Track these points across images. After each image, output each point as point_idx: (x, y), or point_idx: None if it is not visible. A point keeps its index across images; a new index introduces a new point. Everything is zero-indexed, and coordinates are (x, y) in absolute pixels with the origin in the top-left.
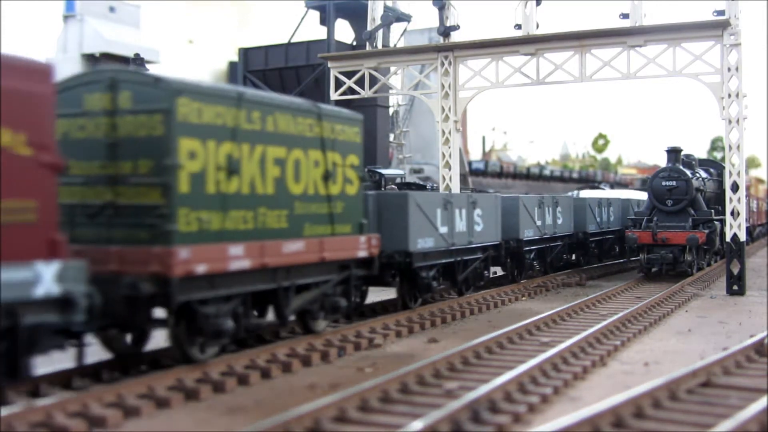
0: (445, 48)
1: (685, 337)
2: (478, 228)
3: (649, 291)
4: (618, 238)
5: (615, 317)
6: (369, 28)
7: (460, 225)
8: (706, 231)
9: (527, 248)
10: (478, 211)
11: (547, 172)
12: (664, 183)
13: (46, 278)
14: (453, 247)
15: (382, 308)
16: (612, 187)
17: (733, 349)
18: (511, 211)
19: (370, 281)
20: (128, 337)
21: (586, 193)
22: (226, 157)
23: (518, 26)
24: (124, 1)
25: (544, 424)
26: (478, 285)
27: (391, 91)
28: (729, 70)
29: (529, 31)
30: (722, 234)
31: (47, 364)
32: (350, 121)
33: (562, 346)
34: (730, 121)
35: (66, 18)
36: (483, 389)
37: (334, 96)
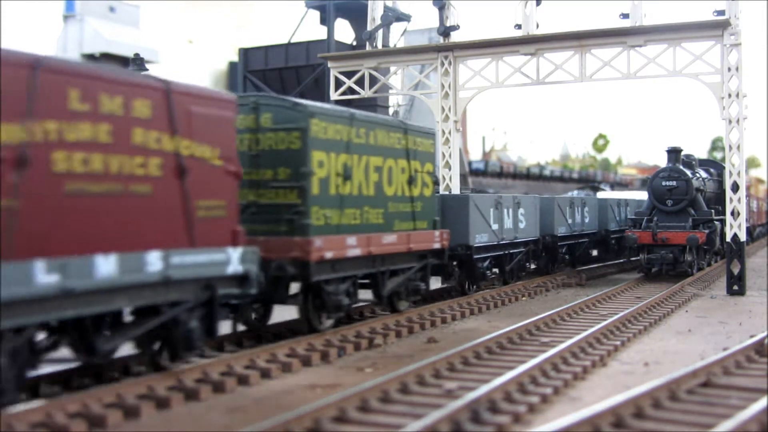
0: (445, 48)
1: (685, 337)
2: (521, 225)
3: (649, 291)
4: None
5: (615, 317)
6: (369, 28)
7: (508, 222)
8: (706, 231)
9: (560, 243)
10: (521, 211)
11: (547, 173)
12: (664, 183)
13: (234, 260)
14: (502, 242)
15: (440, 295)
16: (612, 187)
17: (734, 349)
18: (548, 211)
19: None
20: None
21: (606, 195)
22: (342, 165)
23: (518, 26)
24: (123, 1)
25: (545, 424)
26: (520, 275)
27: (391, 91)
28: (729, 70)
29: (529, 31)
30: (722, 234)
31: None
32: (427, 135)
33: (562, 346)
34: (730, 121)
35: (66, 18)
36: (483, 389)
37: (334, 96)
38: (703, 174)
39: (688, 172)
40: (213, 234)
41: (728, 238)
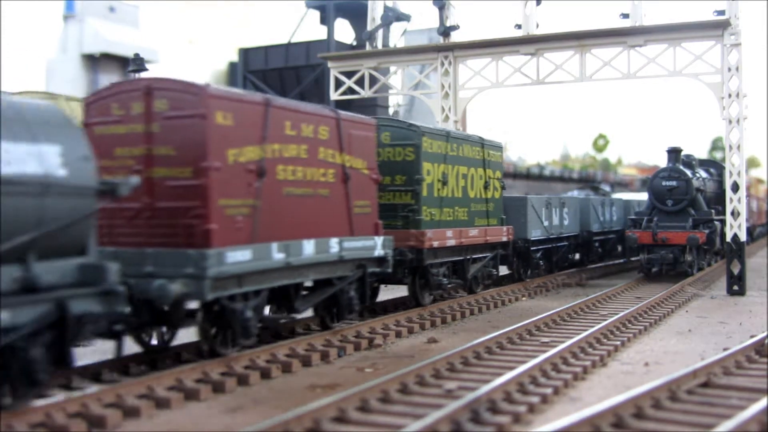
0: (445, 48)
1: (685, 338)
2: (565, 222)
3: (649, 291)
4: None
5: (615, 317)
6: (369, 28)
7: (555, 219)
8: (707, 231)
9: (594, 238)
10: (565, 210)
11: (547, 172)
12: (664, 183)
13: (378, 245)
14: (551, 236)
15: (497, 281)
16: (612, 187)
17: (734, 350)
18: (585, 210)
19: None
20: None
21: (627, 196)
22: (441, 173)
23: (518, 26)
24: (123, 1)
25: (545, 424)
26: (563, 265)
27: (391, 91)
28: (729, 70)
29: (529, 31)
30: (722, 234)
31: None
32: (497, 148)
33: (563, 346)
34: (730, 121)
35: (66, 18)
36: (483, 389)
37: (334, 96)
38: (703, 174)
39: (688, 172)
40: (363, 226)
41: (728, 238)
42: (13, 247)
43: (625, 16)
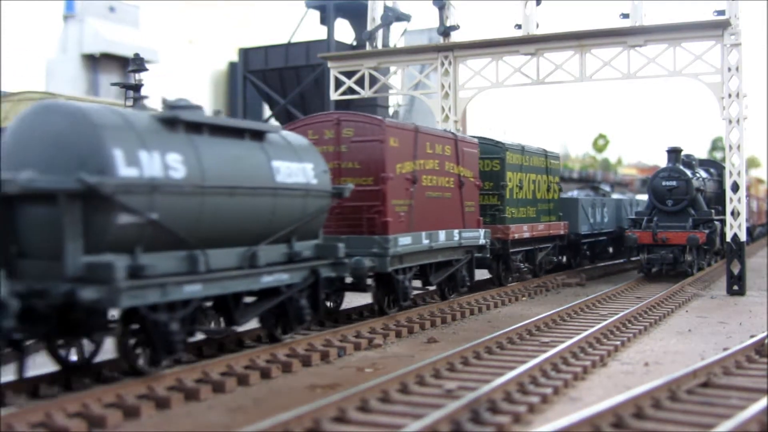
0: (445, 48)
1: (685, 338)
2: (605, 219)
3: (649, 291)
4: None
5: (615, 317)
6: (369, 28)
7: (598, 217)
8: (707, 231)
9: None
10: (605, 209)
11: None
12: (664, 183)
13: (481, 236)
14: (595, 231)
15: (548, 271)
16: (612, 187)
17: (734, 350)
18: (619, 209)
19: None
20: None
21: (639, 196)
22: (518, 180)
23: (518, 26)
24: (123, 1)
25: (545, 424)
26: (603, 257)
27: (391, 91)
28: (729, 70)
29: (529, 31)
30: (722, 234)
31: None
32: (556, 158)
33: (563, 346)
34: (730, 121)
35: (66, 18)
36: (483, 389)
37: (334, 96)
38: (703, 174)
39: (688, 172)
40: (471, 221)
41: (728, 238)
42: (287, 232)
43: (625, 16)
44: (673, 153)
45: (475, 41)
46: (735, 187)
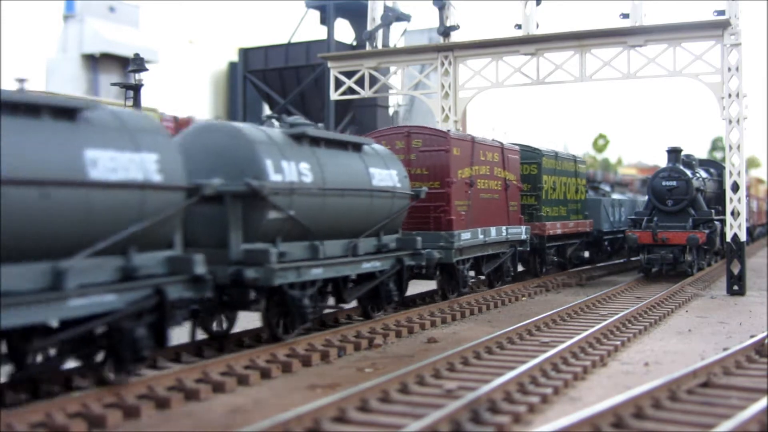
0: (445, 48)
1: (685, 338)
2: (622, 218)
3: (649, 291)
4: None
5: (615, 317)
6: (369, 28)
7: (617, 216)
8: (707, 231)
9: None
10: (622, 208)
11: None
12: (664, 183)
13: (523, 232)
14: (614, 228)
15: (575, 265)
16: (612, 187)
17: (734, 350)
18: (632, 208)
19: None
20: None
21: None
22: (552, 182)
23: (518, 26)
24: (124, 1)
25: (545, 424)
26: (621, 253)
27: (391, 91)
28: (729, 70)
29: (529, 31)
30: (722, 234)
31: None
32: (583, 163)
33: (563, 346)
34: (730, 121)
35: (66, 18)
36: (483, 389)
37: (334, 96)
38: (703, 174)
39: (688, 172)
40: (514, 219)
41: (728, 238)
42: (378, 228)
43: (625, 16)
44: (673, 153)
45: (475, 41)
46: (735, 187)
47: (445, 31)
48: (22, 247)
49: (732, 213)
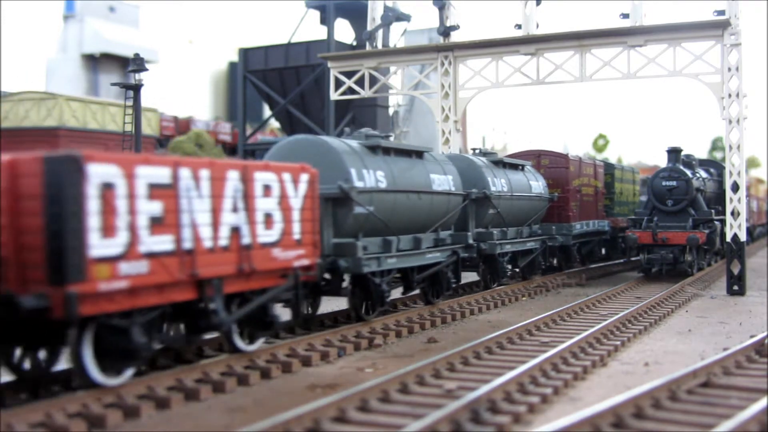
0: (445, 48)
1: (685, 338)
2: None
3: (649, 291)
4: None
5: (615, 317)
6: (369, 28)
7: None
8: (707, 231)
9: None
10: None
11: None
12: (664, 183)
13: (606, 225)
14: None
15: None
16: None
17: (734, 350)
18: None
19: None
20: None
21: None
22: (620, 188)
23: (518, 26)
24: (124, 1)
25: (545, 424)
26: None
27: (391, 91)
28: (729, 70)
29: (529, 31)
30: (722, 234)
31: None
32: (637, 172)
33: (563, 346)
34: (730, 121)
35: (66, 18)
36: (483, 389)
37: (334, 96)
38: (703, 174)
39: (688, 172)
40: (599, 215)
41: (728, 238)
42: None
43: (625, 16)
44: (673, 153)
45: (475, 41)
46: (735, 187)
47: (445, 31)
48: (406, 226)
49: (732, 213)
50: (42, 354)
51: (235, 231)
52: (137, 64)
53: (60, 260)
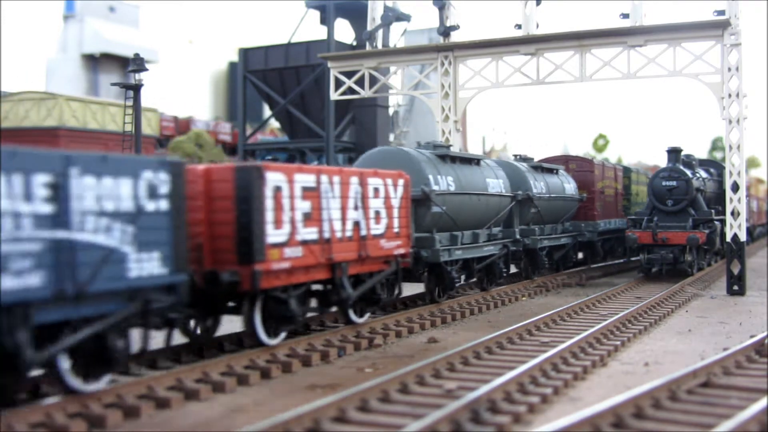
0: (445, 48)
1: (685, 338)
2: None
3: (649, 291)
4: None
5: (615, 317)
6: (369, 28)
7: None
8: (707, 231)
9: None
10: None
11: None
12: (664, 183)
13: (624, 223)
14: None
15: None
16: None
17: (734, 350)
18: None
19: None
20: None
21: None
22: (636, 190)
23: (518, 26)
24: (123, 1)
25: (545, 424)
26: None
27: (391, 91)
28: (729, 70)
29: (529, 31)
30: (722, 234)
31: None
32: (647, 174)
33: (563, 346)
34: (730, 121)
35: (66, 18)
36: (483, 389)
37: (334, 96)
38: (703, 174)
39: (688, 172)
40: (618, 214)
41: (728, 238)
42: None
43: (625, 16)
44: (673, 153)
45: (475, 41)
46: (735, 187)
47: (445, 31)
48: (468, 223)
49: (732, 213)
50: (209, 322)
51: (356, 225)
52: (137, 64)
53: (248, 245)
